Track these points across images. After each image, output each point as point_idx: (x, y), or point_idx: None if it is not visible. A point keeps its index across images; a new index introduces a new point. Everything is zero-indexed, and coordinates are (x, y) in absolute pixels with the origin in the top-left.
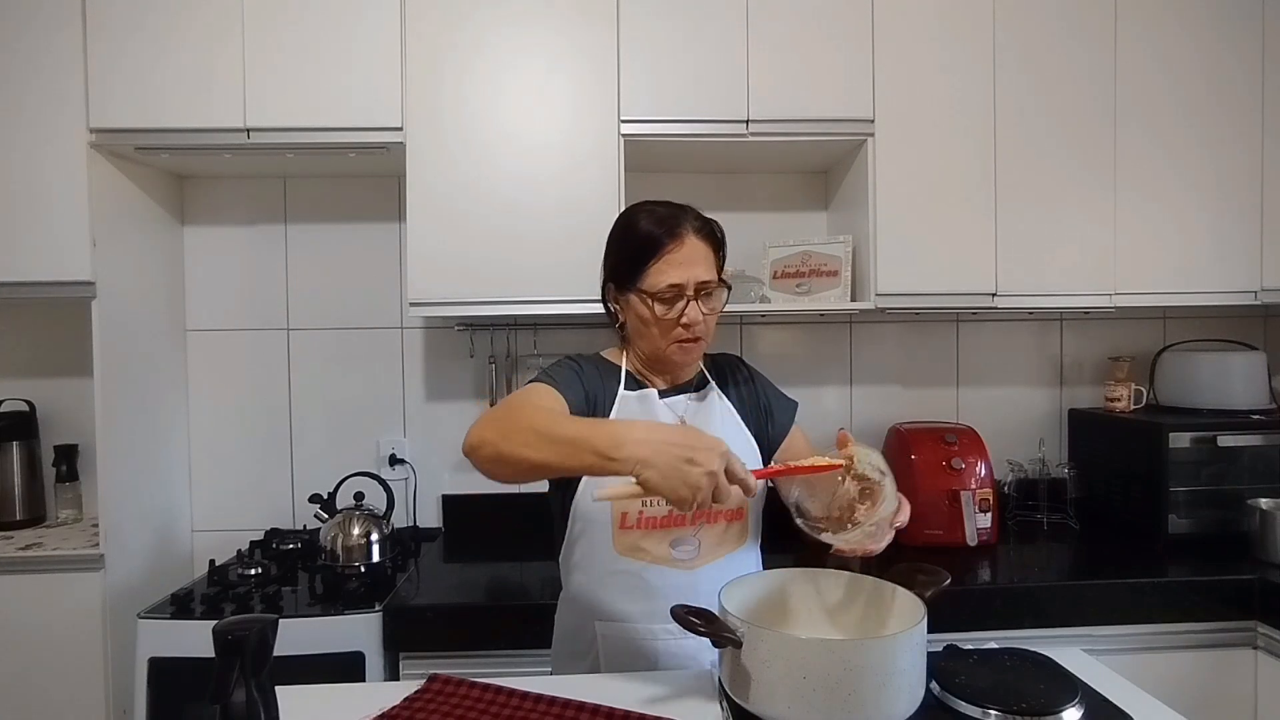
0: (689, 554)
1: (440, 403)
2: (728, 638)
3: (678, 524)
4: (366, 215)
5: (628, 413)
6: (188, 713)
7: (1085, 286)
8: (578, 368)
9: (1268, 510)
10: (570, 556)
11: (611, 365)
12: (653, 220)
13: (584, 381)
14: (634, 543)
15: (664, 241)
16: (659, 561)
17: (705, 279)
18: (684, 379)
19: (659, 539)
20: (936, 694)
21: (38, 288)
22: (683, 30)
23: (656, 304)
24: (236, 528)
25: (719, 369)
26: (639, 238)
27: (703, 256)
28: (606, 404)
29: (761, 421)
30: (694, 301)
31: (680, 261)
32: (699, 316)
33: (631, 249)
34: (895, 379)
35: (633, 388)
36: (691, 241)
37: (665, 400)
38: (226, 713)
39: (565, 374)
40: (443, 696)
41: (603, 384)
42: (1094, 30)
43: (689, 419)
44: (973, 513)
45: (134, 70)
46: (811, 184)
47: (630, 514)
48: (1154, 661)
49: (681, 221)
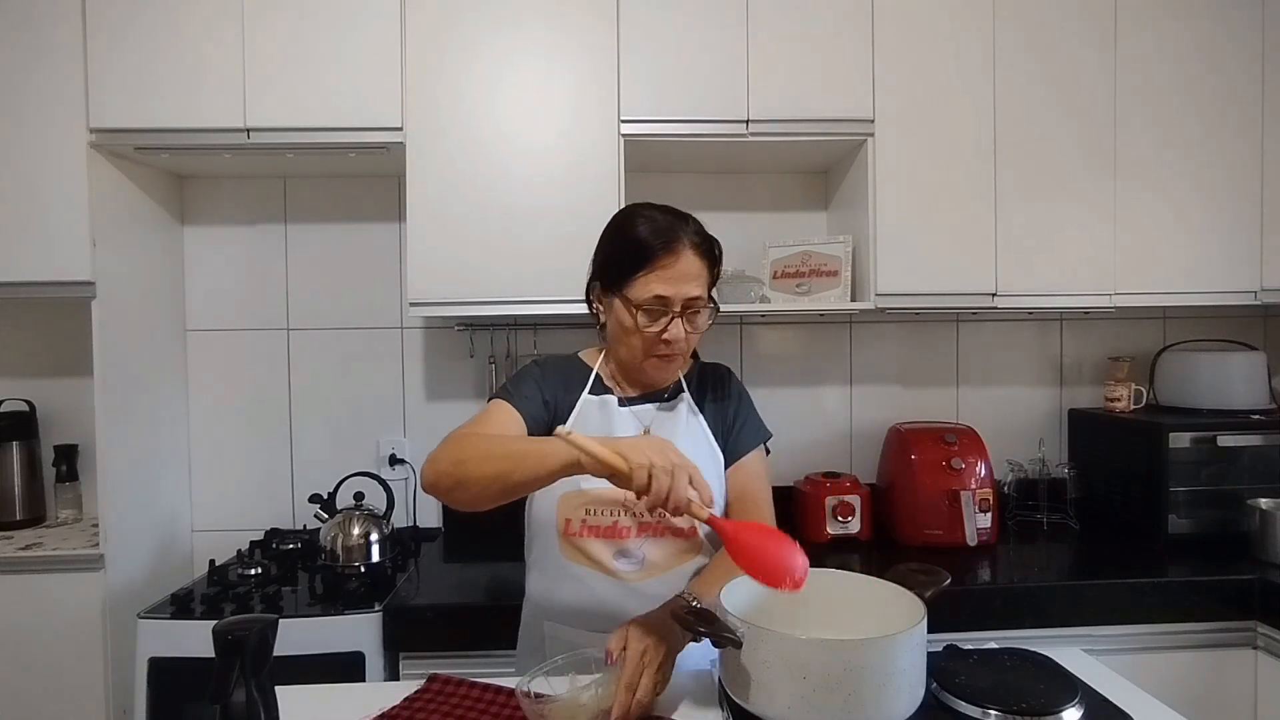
0: (633, 566)
1: (440, 403)
2: (728, 638)
3: (621, 535)
4: (366, 215)
5: (586, 418)
6: (188, 713)
7: (1085, 286)
8: (539, 375)
9: (1268, 510)
10: (529, 555)
11: (582, 367)
12: (650, 228)
13: (544, 391)
14: (578, 550)
15: (658, 252)
16: (603, 572)
17: (694, 295)
18: (660, 386)
19: (602, 548)
20: (936, 694)
21: (38, 288)
22: (683, 30)
23: (640, 314)
24: (236, 528)
25: (702, 380)
26: (633, 242)
27: (696, 273)
28: (566, 410)
29: (726, 438)
30: (679, 318)
31: (671, 276)
32: (681, 334)
33: (623, 252)
34: (895, 379)
35: (596, 392)
36: (687, 256)
37: (631, 408)
38: (226, 713)
39: (524, 385)
40: (442, 697)
41: (565, 389)
42: (1094, 30)
43: (654, 429)
44: (973, 513)
45: (134, 70)
46: (811, 184)
47: (574, 521)
48: (1154, 661)
49: (680, 234)
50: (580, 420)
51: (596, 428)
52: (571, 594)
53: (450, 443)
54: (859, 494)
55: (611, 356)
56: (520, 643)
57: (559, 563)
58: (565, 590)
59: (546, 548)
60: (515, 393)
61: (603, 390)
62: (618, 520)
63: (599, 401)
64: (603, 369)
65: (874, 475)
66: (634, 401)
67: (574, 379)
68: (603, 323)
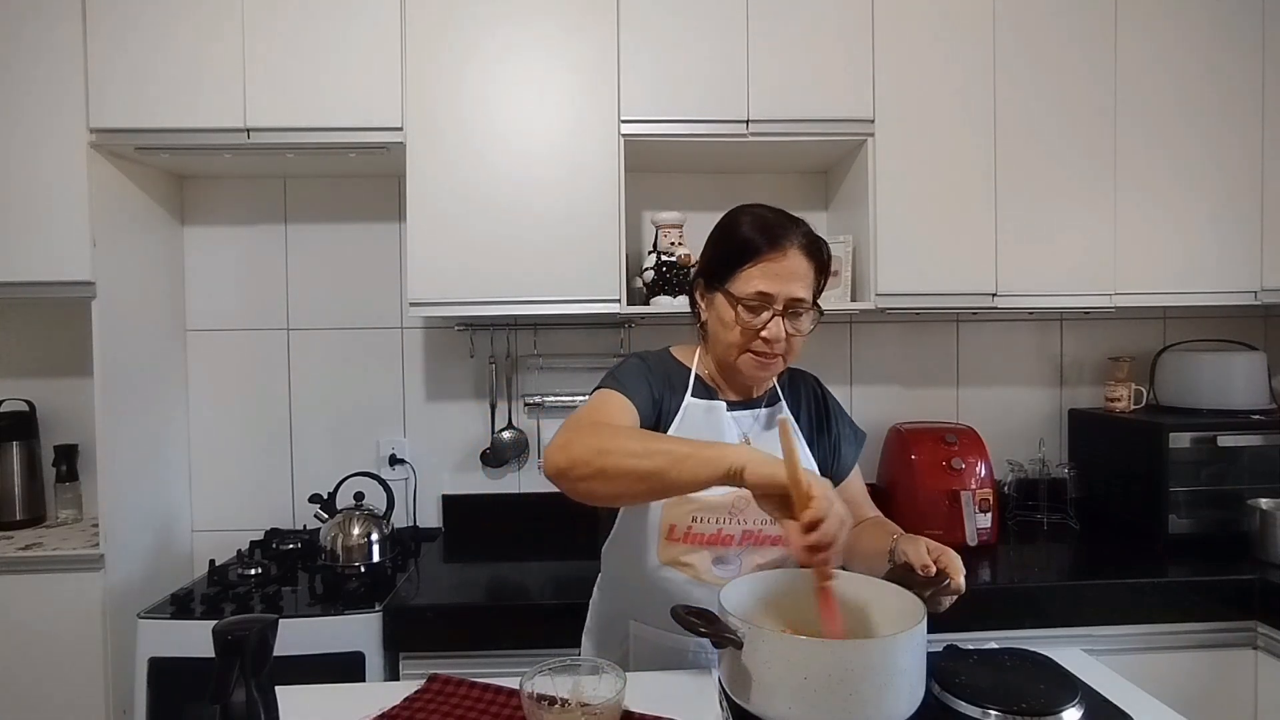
0: (730, 573)
1: (440, 403)
2: (729, 638)
3: (724, 543)
4: (366, 215)
5: (691, 422)
6: (188, 713)
7: (1085, 286)
8: (646, 370)
9: (1268, 510)
10: (613, 550)
11: (680, 367)
12: (758, 225)
13: (652, 386)
14: (677, 555)
15: (764, 249)
16: (700, 576)
17: (798, 296)
18: (756, 393)
19: (703, 555)
20: (936, 694)
21: (38, 288)
22: (683, 30)
23: (741, 309)
24: (236, 528)
25: (794, 386)
26: (739, 238)
27: (803, 274)
28: (671, 411)
29: (827, 455)
30: (780, 317)
31: (777, 273)
32: (781, 333)
33: (729, 248)
34: (895, 379)
35: (700, 395)
36: (794, 255)
37: (732, 414)
38: (226, 713)
39: (633, 379)
40: (443, 697)
41: (670, 388)
42: (1094, 30)
43: (754, 439)
44: (973, 513)
45: (134, 70)
46: (811, 184)
47: (679, 527)
48: (1154, 661)
49: (788, 232)
50: (686, 423)
51: (704, 432)
52: (663, 596)
53: (585, 430)
54: None
55: (709, 357)
56: (595, 635)
57: (654, 565)
58: (656, 592)
59: (642, 548)
60: (628, 386)
61: (704, 394)
62: (722, 528)
63: (706, 405)
64: (700, 370)
65: (874, 475)
66: (735, 407)
67: (676, 378)
68: (703, 321)
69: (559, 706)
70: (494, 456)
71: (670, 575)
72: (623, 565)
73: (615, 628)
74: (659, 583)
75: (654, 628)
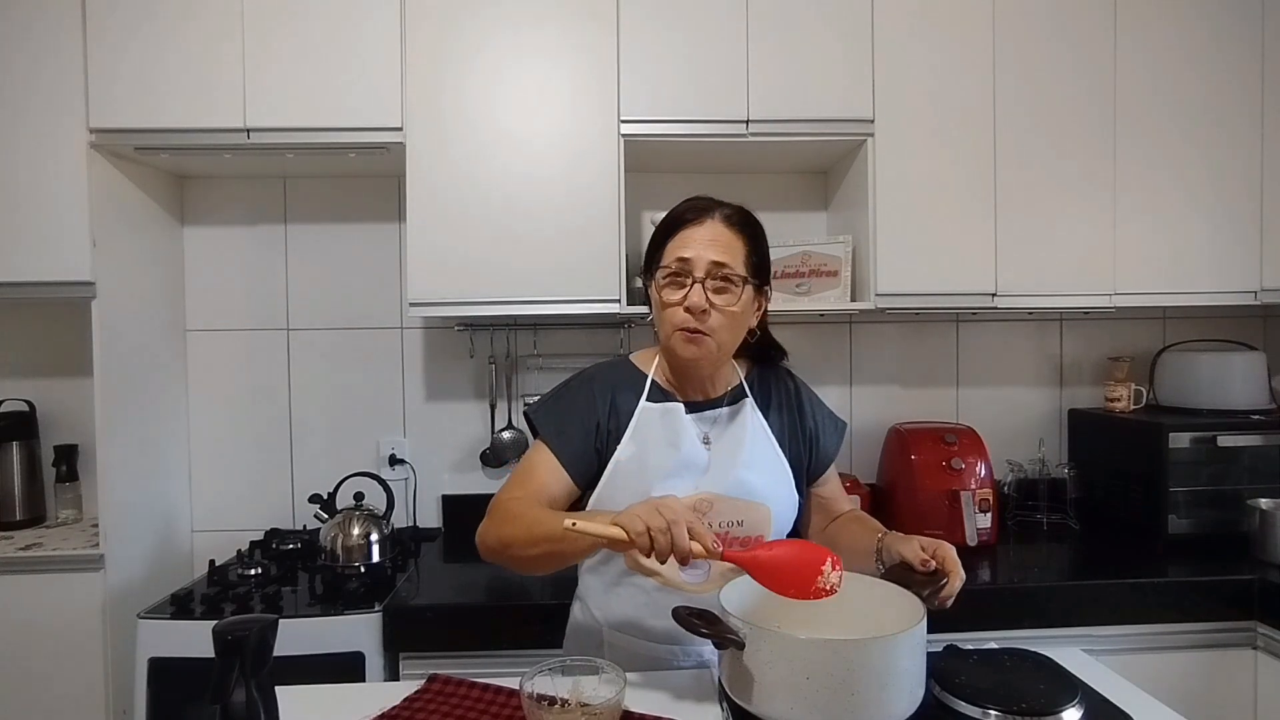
0: (698, 577)
1: (440, 403)
2: (730, 639)
3: None
4: (366, 215)
5: (646, 427)
6: (188, 713)
7: (1085, 287)
8: (588, 393)
9: (1268, 510)
10: (587, 559)
11: (636, 373)
12: (686, 204)
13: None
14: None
15: (686, 219)
16: (669, 581)
17: (718, 259)
18: (718, 391)
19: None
20: (936, 694)
21: (38, 288)
22: (683, 30)
23: (665, 283)
24: (236, 528)
25: (764, 382)
26: (667, 219)
27: (725, 242)
28: (623, 422)
29: (801, 451)
30: (700, 285)
31: (697, 239)
32: (702, 300)
33: (659, 231)
34: (895, 379)
35: (656, 398)
36: (714, 224)
37: (691, 415)
38: (226, 713)
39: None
40: (442, 697)
41: (618, 398)
42: (1093, 29)
43: (715, 439)
44: (972, 513)
45: (134, 70)
46: (811, 184)
47: None
48: (1154, 661)
49: (711, 206)
50: (640, 430)
51: (660, 436)
52: (632, 603)
53: (495, 519)
54: (859, 494)
55: (664, 358)
56: (570, 641)
57: (621, 572)
58: (625, 599)
59: (609, 556)
60: (557, 432)
61: (661, 396)
62: None
63: (660, 409)
64: (657, 374)
65: (874, 475)
66: (698, 408)
67: (626, 385)
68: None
69: (559, 706)
70: (494, 456)
71: (638, 580)
72: (594, 570)
73: (590, 635)
74: (628, 587)
75: (627, 635)
